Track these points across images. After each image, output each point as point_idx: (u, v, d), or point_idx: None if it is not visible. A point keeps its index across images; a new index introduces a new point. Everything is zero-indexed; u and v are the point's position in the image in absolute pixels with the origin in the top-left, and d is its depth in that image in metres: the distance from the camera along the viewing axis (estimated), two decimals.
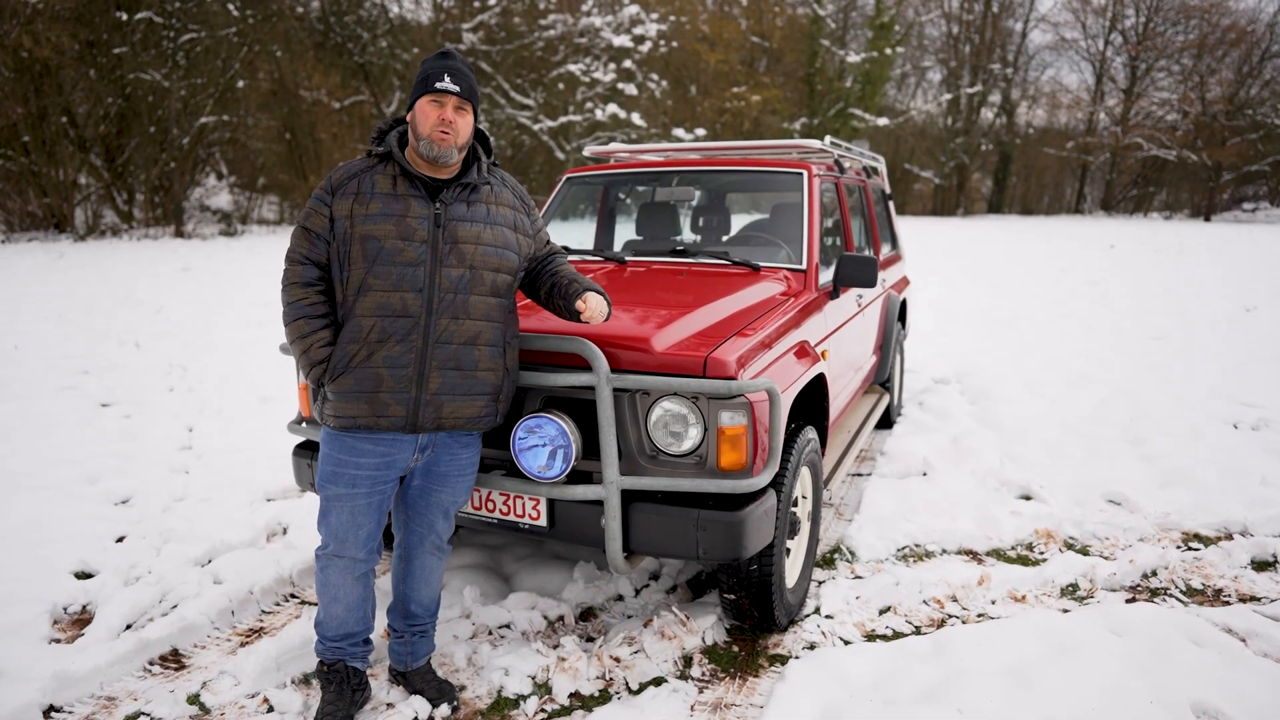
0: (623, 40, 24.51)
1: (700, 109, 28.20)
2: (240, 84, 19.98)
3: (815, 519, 3.27)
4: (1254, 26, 34.07)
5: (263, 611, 3.06)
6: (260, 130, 21.78)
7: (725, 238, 5.27)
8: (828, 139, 4.34)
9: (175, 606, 2.99)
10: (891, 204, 6.12)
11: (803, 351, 3.04)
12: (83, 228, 18.93)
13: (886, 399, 5.23)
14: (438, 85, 2.20)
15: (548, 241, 2.57)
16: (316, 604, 2.96)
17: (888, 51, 31.06)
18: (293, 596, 3.17)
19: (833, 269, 3.88)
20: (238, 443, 4.85)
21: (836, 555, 3.53)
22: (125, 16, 17.63)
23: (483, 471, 2.65)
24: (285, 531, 3.71)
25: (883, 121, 31.08)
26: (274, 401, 5.74)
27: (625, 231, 4.85)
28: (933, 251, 17.71)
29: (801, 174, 3.89)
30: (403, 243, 2.19)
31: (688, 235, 5.13)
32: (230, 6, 19.20)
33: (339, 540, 2.29)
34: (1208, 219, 33.64)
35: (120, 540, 3.54)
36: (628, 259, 3.74)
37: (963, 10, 38.48)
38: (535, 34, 25.04)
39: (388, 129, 2.39)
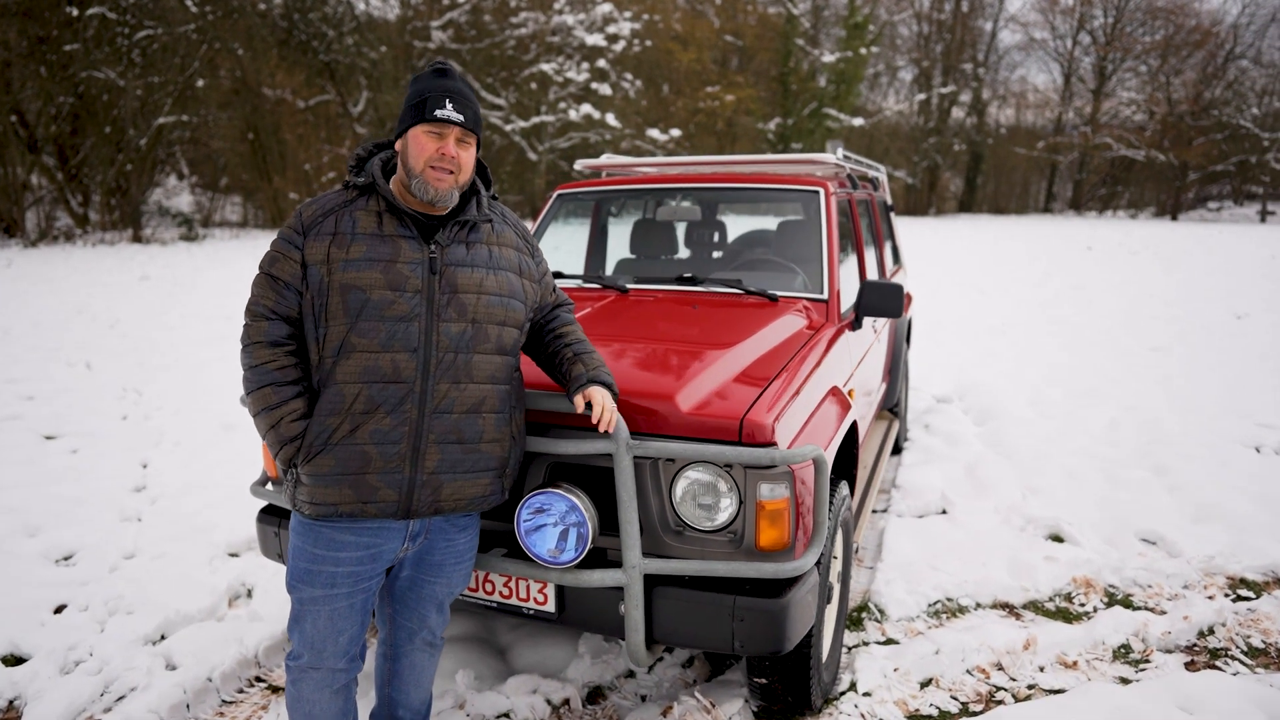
0: (596, 39, 24.10)
1: (674, 108, 27.87)
2: (200, 82, 19.25)
3: (846, 579, 2.95)
4: (1218, 28, 34.54)
5: (223, 701, 2.67)
6: (222, 129, 21.06)
7: (718, 254, 4.96)
8: (840, 151, 4.02)
9: (121, 699, 2.59)
10: (892, 214, 5.84)
11: (837, 399, 2.72)
12: (34, 232, 18.12)
13: (896, 425, 4.95)
14: (438, 113, 1.84)
15: (555, 289, 2.21)
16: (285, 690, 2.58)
17: (862, 51, 30.95)
18: (259, 680, 2.79)
19: (852, 296, 3.58)
20: (197, 480, 4.43)
21: (864, 614, 3.22)
22: (76, 12, 16.85)
23: (481, 550, 2.29)
24: (250, 594, 3.31)
25: (858, 121, 30.97)
26: (238, 430, 5.31)
27: (617, 248, 4.50)
28: (911, 254, 17.56)
29: (818, 192, 3.57)
30: (392, 293, 1.82)
31: (683, 251, 4.81)
32: (188, 2, 18.47)
33: (315, 650, 1.91)
34: (1174, 218, 34.05)
35: (59, 610, 3.13)
36: (629, 287, 3.39)
37: (934, 10, 38.58)
38: (506, 32, 24.53)
39: (368, 155, 2.03)
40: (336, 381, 1.81)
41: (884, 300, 3.32)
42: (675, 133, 25.56)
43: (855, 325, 3.39)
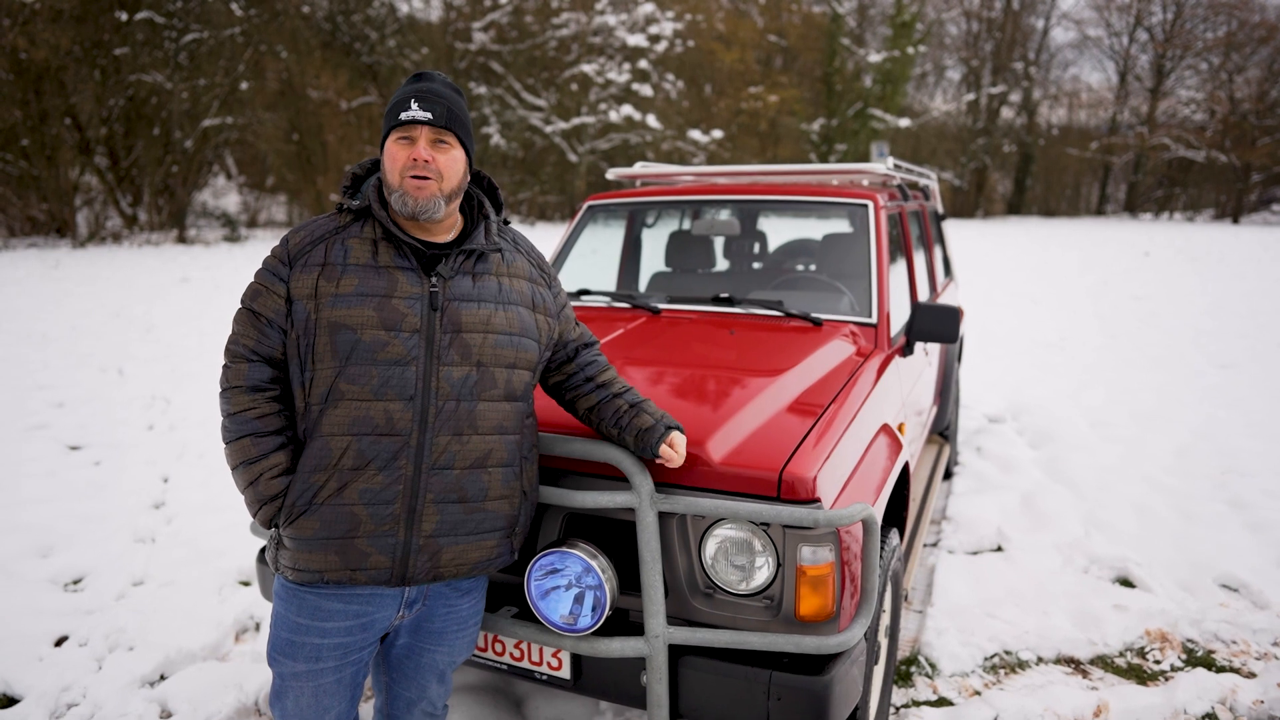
0: (637, 40, 23.89)
1: (716, 109, 27.55)
2: (245, 85, 19.47)
3: (894, 632, 2.68)
4: None
5: None
6: (267, 130, 21.29)
7: (757, 265, 4.70)
8: (890, 160, 3.74)
9: None
10: (944, 225, 5.52)
11: (888, 439, 2.45)
12: (85, 232, 18.48)
13: (947, 450, 4.64)
14: (402, 115, 1.63)
15: (576, 323, 1.98)
16: None
17: (909, 50, 30.27)
18: None
19: (904, 318, 3.30)
20: (215, 498, 4.31)
21: (914, 668, 2.94)
22: (125, 17, 17.12)
23: (488, 608, 2.07)
24: (257, 627, 3.14)
25: (904, 122, 30.30)
26: None
27: (651, 258, 4.27)
28: (959, 260, 17.05)
29: (866, 205, 3.30)
30: (387, 333, 1.61)
31: (720, 262, 4.56)
32: (234, 6, 18.68)
33: None
34: (1236, 221, 32.76)
35: (60, 643, 2.99)
36: (661, 308, 3.15)
37: (983, 7, 37.65)
38: (548, 33, 24.45)
39: (364, 174, 1.82)
40: (322, 433, 1.61)
41: (939, 325, 3.04)
42: (717, 134, 25.25)
43: (906, 351, 3.12)
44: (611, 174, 3.85)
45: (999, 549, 3.88)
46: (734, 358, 2.59)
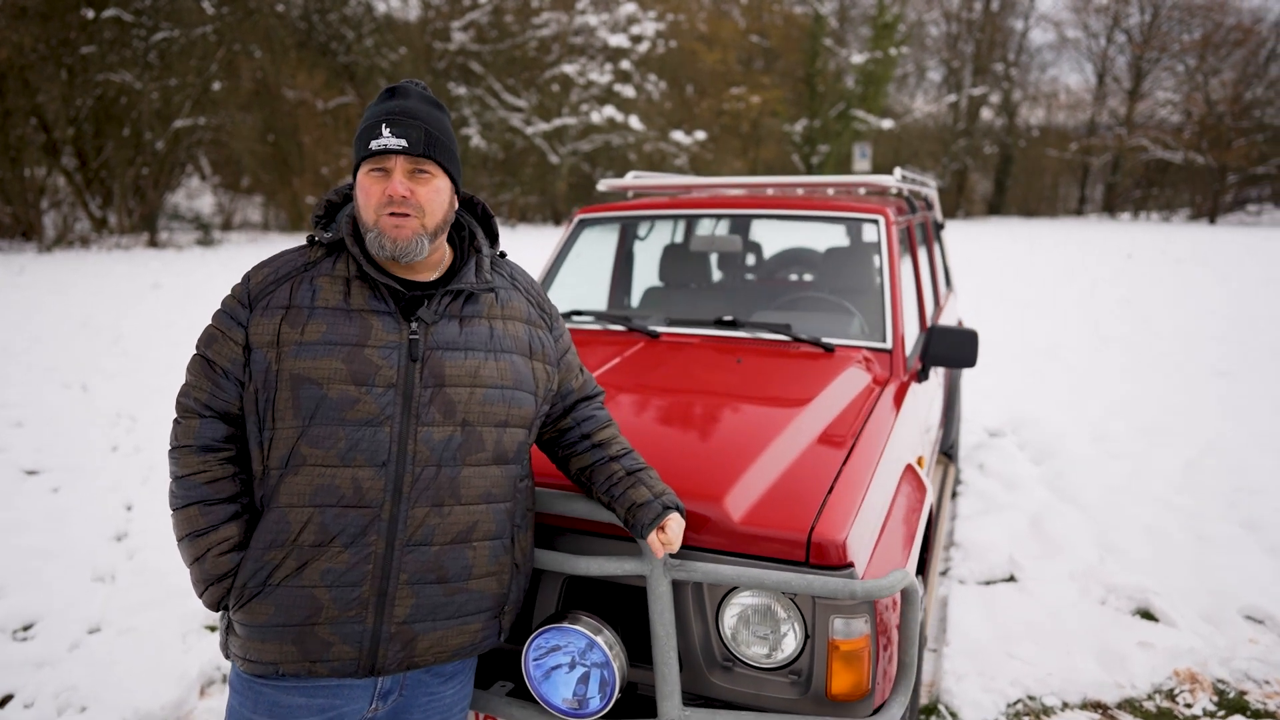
0: (619, 40, 23.67)
1: (698, 110, 27.38)
2: (217, 85, 19.03)
3: (916, 684, 2.48)
4: (1259, 26, 33.48)
5: None
6: (242, 131, 20.85)
7: (751, 276, 4.50)
8: (898, 171, 3.54)
9: None
10: (943, 234, 5.35)
11: (912, 482, 2.26)
12: (52, 236, 17.97)
13: (952, 470, 4.47)
14: (373, 144, 1.41)
15: (580, 371, 1.76)
16: None
17: (891, 52, 30.26)
18: None
19: (915, 340, 3.11)
20: None
21: (934, 717, 2.75)
22: (92, 14, 16.65)
23: (478, 686, 1.84)
24: (224, 679, 2.90)
25: (887, 124, 30.29)
26: None
27: (642, 272, 4.06)
28: None
29: (877, 221, 3.11)
30: (357, 389, 1.39)
31: (715, 274, 4.36)
32: (205, 4, 18.25)
33: None
34: (1213, 221, 33.06)
35: (4, 704, 2.73)
36: (660, 332, 2.94)
37: (963, 9, 37.77)
38: (528, 33, 24.17)
39: (341, 200, 1.60)
40: (280, 504, 1.39)
41: (956, 350, 2.86)
42: (700, 135, 25.07)
43: (921, 376, 2.93)
44: (603, 185, 3.63)
45: (1012, 578, 3.70)
46: (744, 391, 2.39)
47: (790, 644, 1.70)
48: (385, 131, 1.40)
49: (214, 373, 1.43)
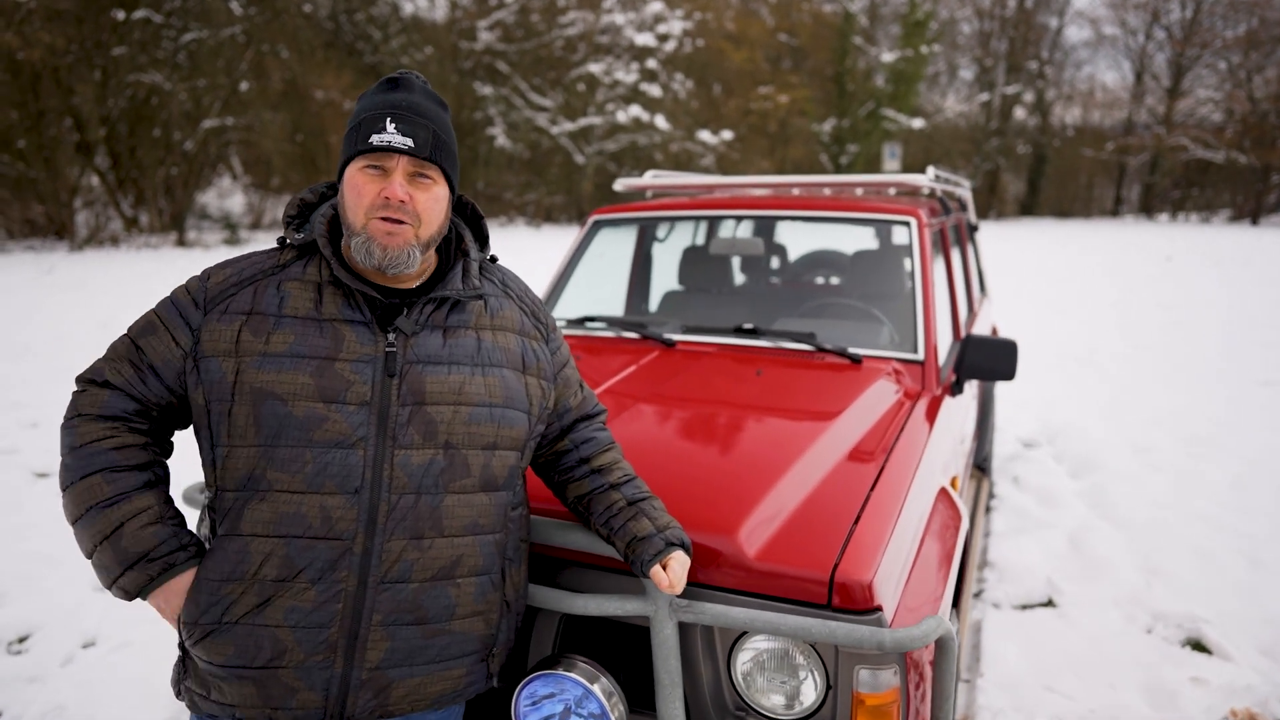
0: (645, 39, 23.51)
1: (725, 109, 27.14)
2: (245, 86, 19.15)
3: None
4: None
5: None
6: (271, 130, 20.97)
7: (776, 279, 4.32)
8: (931, 170, 3.35)
9: None
10: (977, 236, 5.13)
11: (946, 508, 2.07)
12: (84, 235, 18.20)
13: (985, 485, 4.26)
14: (375, 139, 1.26)
15: (580, 387, 1.60)
16: None
17: (923, 50, 29.79)
18: None
19: (948, 349, 2.92)
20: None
21: None
22: (123, 15, 16.81)
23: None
24: None
25: (918, 123, 29.82)
26: None
27: (661, 274, 3.90)
28: None
29: (908, 223, 2.92)
30: (326, 406, 1.25)
31: (738, 277, 4.19)
32: (233, 5, 18.36)
33: None
34: (1254, 222, 32.19)
35: None
36: (676, 340, 2.77)
37: (996, 6, 37.13)
38: (554, 32, 24.10)
39: (316, 200, 1.45)
40: (241, 532, 1.25)
41: (993, 361, 2.67)
42: (727, 135, 24.83)
43: (955, 390, 2.73)
44: (619, 185, 3.47)
45: (1050, 603, 3.48)
46: (762, 406, 2.21)
47: (810, 694, 1.53)
48: (390, 127, 1.26)
49: (139, 364, 1.30)
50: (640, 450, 1.86)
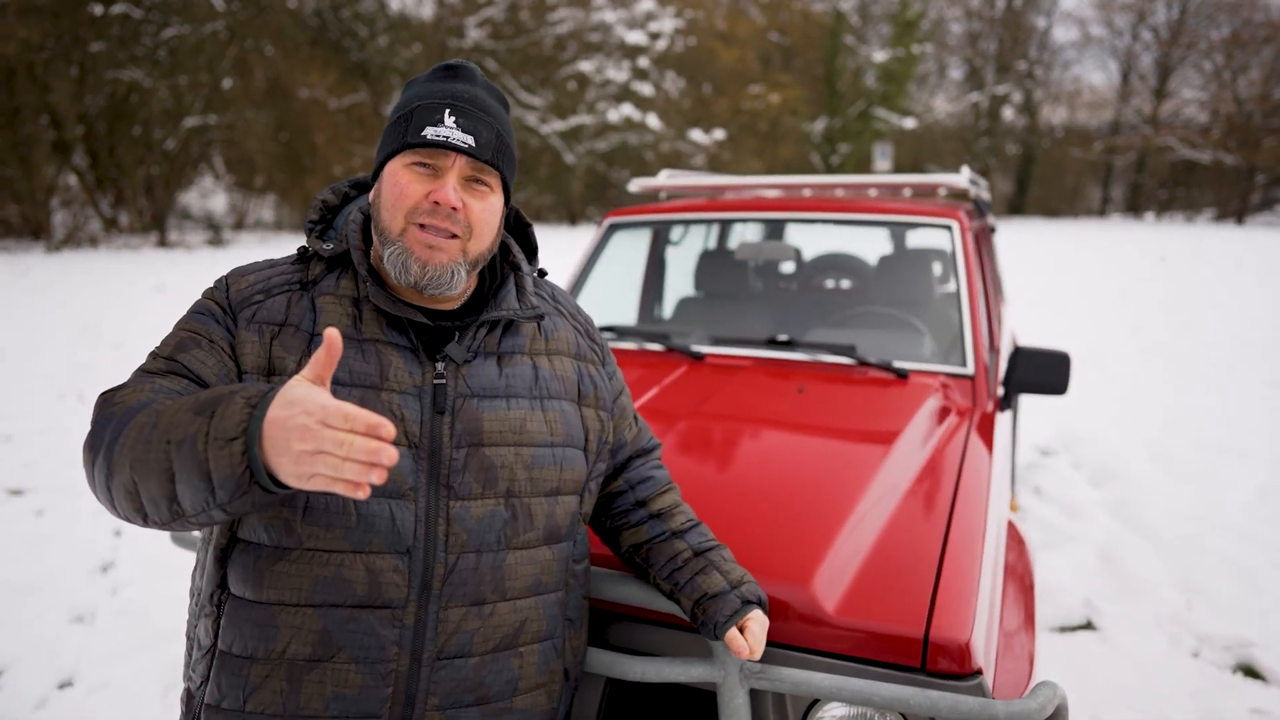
0: (637, 37, 23.30)
1: (715, 109, 26.99)
2: (227, 83, 18.79)
3: None
4: None
5: None
6: (255, 129, 20.62)
7: (794, 285, 4.14)
8: (965, 170, 3.16)
9: None
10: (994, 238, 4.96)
11: (1014, 542, 1.89)
12: (61, 235, 17.78)
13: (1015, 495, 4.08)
14: (429, 133, 1.06)
15: (635, 418, 1.40)
16: None
17: (914, 49, 29.73)
18: None
19: (995, 366, 2.74)
20: (172, 557, 3.71)
21: None
22: (100, 10, 16.42)
23: None
24: None
25: (909, 123, 29.76)
26: None
27: (675, 282, 3.71)
28: None
29: (950, 227, 2.73)
30: None
31: (754, 283, 3.99)
32: (215, 0, 18.00)
33: None
34: (1240, 222, 32.38)
35: None
36: (705, 353, 2.57)
37: (985, 6, 37.19)
38: (544, 30, 23.85)
39: (340, 201, 1.24)
40: (265, 600, 1.04)
41: (1045, 375, 2.49)
42: (719, 134, 24.66)
43: (1004, 405, 2.55)
44: (634, 185, 3.27)
45: (1090, 625, 3.31)
46: (812, 430, 2.02)
47: None
48: (449, 120, 1.06)
49: (215, 345, 1.07)
50: (687, 484, 1.66)
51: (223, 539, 1.09)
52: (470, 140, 1.06)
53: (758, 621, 1.23)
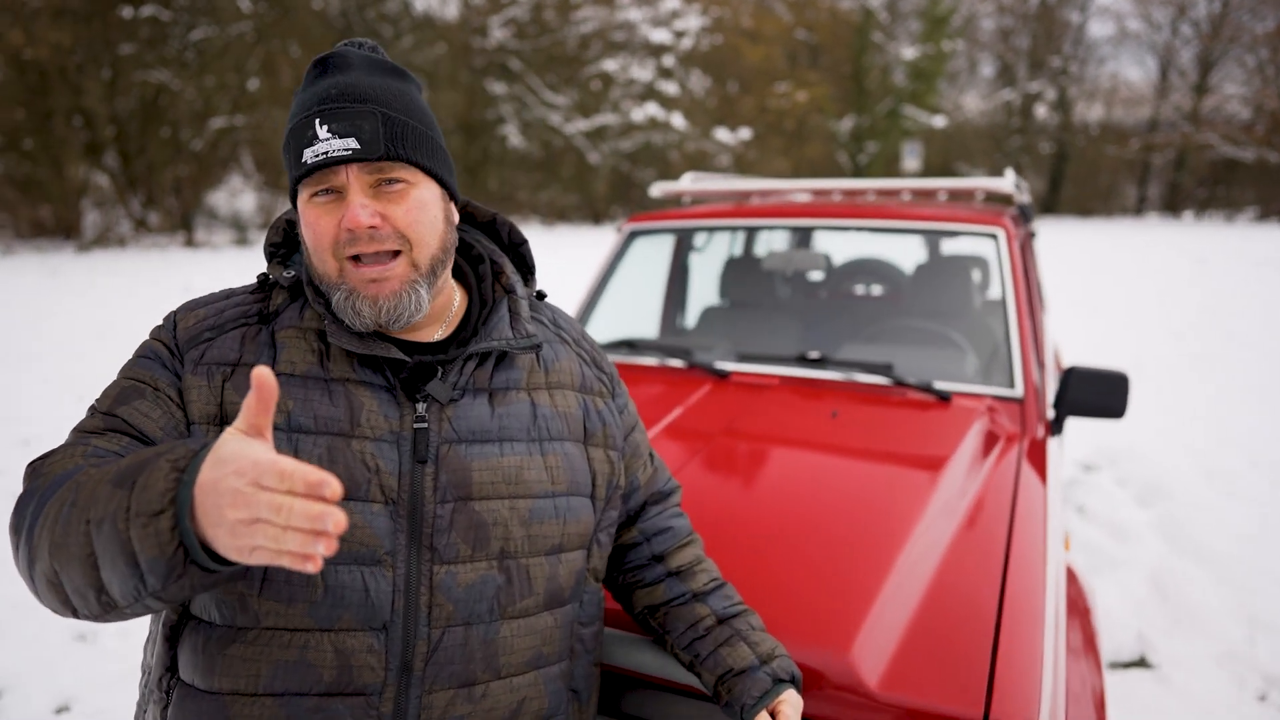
0: (661, 35, 23.11)
1: (741, 107, 26.72)
2: (254, 84, 18.88)
3: None
4: None
5: None
6: (282, 129, 20.65)
7: (816, 289, 3.94)
8: (1010, 174, 2.96)
9: None
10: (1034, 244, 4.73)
11: (1073, 591, 1.70)
12: (92, 235, 17.97)
13: None
14: (306, 156, 0.90)
15: (650, 457, 1.23)
16: None
17: (944, 45, 29.24)
18: None
19: (1042, 385, 2.53)
20: None
21: None
22: (131, 13, 16.55)
23: None
24: None
25: (939, 121, 29.28)
26: None
27: (699, 290, 3.54)
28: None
29: (995, 235, 2.53)
30: (343, 506, 0.89)
31: (781, 290, 3.80)
32: (242, 2, 18.08)
33: None
34: None
35: None
36: (730, 371, 2.40)
37: (1017, 1, 36.51)
38: (568, 29, 23.74)
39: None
40: (218, 689, 0.89)
41: (1101, 398, 2.28)
42: (745, 133, 24.40)
43: (1055, 429, 2.35)
44: (656, 190, 3.10)
45: (1144, 662, 3.09)
46: (849, 462, 1.84)
47: None
48: (322, 131, 0.90)
49: (160, 396, 0.93)
50: (708, 524, 1.49)
51: (173, 614, 0.95)
52: (351, 144, 0.90)
53: (791, 704, 1.06)
